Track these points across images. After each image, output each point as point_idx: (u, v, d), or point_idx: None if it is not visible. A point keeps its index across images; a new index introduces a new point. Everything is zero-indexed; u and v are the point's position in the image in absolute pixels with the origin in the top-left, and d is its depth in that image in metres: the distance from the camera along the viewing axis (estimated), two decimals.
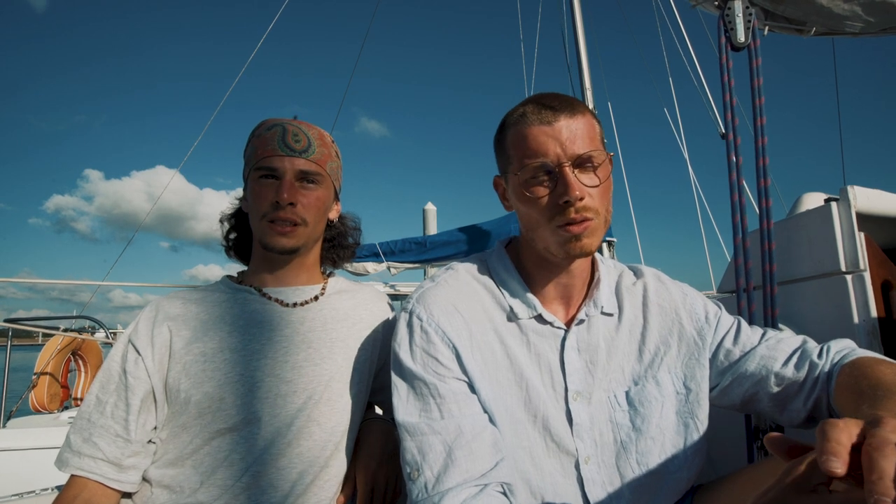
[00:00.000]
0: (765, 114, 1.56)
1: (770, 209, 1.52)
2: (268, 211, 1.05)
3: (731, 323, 1.00)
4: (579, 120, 0.87)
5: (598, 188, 0.86)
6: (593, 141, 0.87)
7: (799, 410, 0.89)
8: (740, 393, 0.94)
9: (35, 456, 3.62)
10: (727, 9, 1.64)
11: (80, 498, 0.91)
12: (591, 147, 0.86)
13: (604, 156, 0.87)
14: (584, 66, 4.42)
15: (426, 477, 0.80)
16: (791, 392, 0.90)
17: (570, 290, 0.95)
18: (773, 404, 0.92)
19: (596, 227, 0.87)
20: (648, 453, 0.90)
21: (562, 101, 0.88)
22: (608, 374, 0.93)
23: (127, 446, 0.94)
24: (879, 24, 1.72)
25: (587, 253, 0.87)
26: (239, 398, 0.97)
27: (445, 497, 0.77)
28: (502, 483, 0.81)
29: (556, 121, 0.86)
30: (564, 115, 0.86)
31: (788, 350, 0.93)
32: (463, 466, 0.79)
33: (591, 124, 0.88)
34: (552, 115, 0.86)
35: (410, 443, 0.84)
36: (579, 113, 0.87)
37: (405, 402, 0.87)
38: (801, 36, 1.82)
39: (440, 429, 0.83)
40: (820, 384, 0.87)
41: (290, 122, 1.11)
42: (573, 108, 0.87)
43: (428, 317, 0.89)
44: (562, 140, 0.85)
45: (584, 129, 0.87)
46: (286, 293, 1.11)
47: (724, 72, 1.63)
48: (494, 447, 0.83)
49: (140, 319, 1.03)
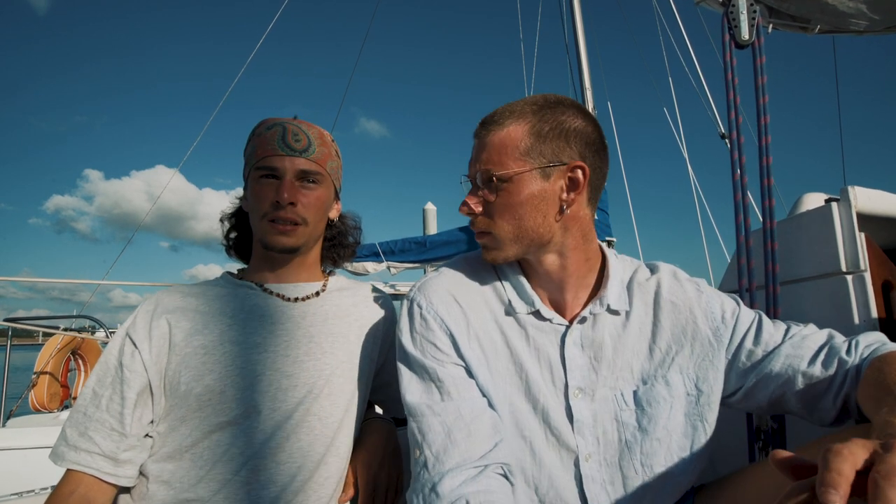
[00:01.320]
0: (768, 112, 1.55)
1: (773, 209, 1.51)
2: (268, 210, 1.05)
3: (752, 320, 0.96)
4: (494, 135, 0.90)
5: (493, 205, 0.90)
6: (499, 156, 0.89)
7: (829, 409, 0.86)
8: (766, 395, 0.91)
9: (35, 455, 3.62)
10: (731, 6, 1.63)
11: (77, 493, 0.91)
12: (489, 165, 0.89)
13: (506, 173, 0.88)
14: (583, 65, 4.42)
15: (426, 456, 0.83)
16: (820, 391, 0.87)
17: (562, 292, 0.94)
18: (801, 405, 0.89)
19: (494, 242, 0.92)
20: (653, 454, 0.89)
21: (493, 114, 0.92)
22: (615, 371, 0.92)
23: (122, 440, 0.93)
24: (884, 22, 1.72)
25: (494, 261, 0.95)
26: (240, 391, 0.97)
27: (445, 477, 0.79)
28: (502, 464, 0.82)
29: (477, 135, 0.94)
30: (484, 130, 0.92)
31: (815, 347, 0.89)
32: (462, 447, 0.81)
33: (501, 140, 0.90)
34: (479, 127, 0.93)
35: (413, 423, 0.87)
36: (497, 127, 0.90)
37: (409, 384, 0.90)
38: (806, 34, 1.81)
39: (440, 410, 0.85)
40: (849, 380, 0.84)
41: (290, 121, 1.11)
42: (495, 122, 0.91)
43: (427, 304, 0.92)
44: (473, 155, 0.94)
45: (492, 145, 0.90)
46: (287, 289, 1.12)
47: (727, 70, 1.62)
48: (493, 429, 0.84)
49: (138, 313, 1.02)
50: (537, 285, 0.95)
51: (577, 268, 0.94)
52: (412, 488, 0.84)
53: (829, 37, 1.90)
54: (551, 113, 0.89)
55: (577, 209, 0.91)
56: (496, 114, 0.91)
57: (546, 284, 0.95)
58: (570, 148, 0.89)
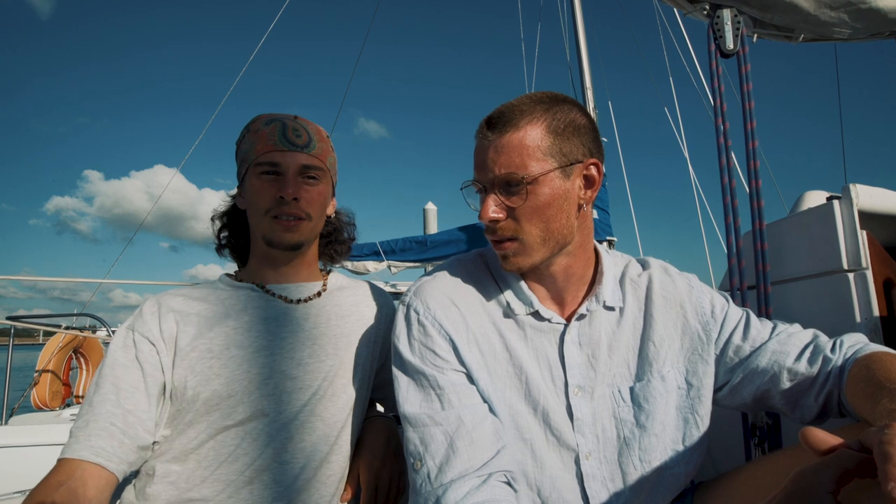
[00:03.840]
0: (755, 118, 1.58)
1: (762, 210, 1.54)
2: (272, 207, 1.04)
3: (740, 317, 0.97)
4: (510, 136, 0.85)
5: (519, 209, 0.85)
6: (521, 158, 0.84)
7: (811, 406, 0.88)
8: (751, 390, 0.92)
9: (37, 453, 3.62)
10: (716, 17, 1.66)
11: (66, 486, 0.84)
12: (511, 168, 0.84)
13: (532, 175, 0.84)
14: (584, 65, 4.41)
15: (429, 467, 0.81)
16: (803, 388, 0.88)
17: (563, 292, 0.94)
18: (784, 401, 0.90)
19: (521, 248, 0.87)
20: (651, 450, 0.90)
21: (500, 114, 0.86)
22: (611, 368, 0.93)
23: (125, 436, 0.91)
24: (867, 30, 1.73)
25: (519, 270, 0.90)
26: (246, 395, 0.97)
27: (449, 489, 0.78)
28: (505, 472, 0.82)
29: (486, 138, 0.87)
30: (495, 132, 0.86)
31: (800, 344, 0.91)
32: (465, 456, 0.80)
33: (520, 141, 0.85)
34: (486, 130, 0.87)
35: (413, 434, 0.85)
36: (511, 128, 0.85)
37: (406, 393, 0.88)
38: (791, 42, 1.83)
39: (441, 419, 0.84)
40: (832, 379, 0.85)
41: (288, 117, 1.11)
42: (507, 123, 0.85)
43: (424, 309, 0.90)
44: (486, 160, 0.86)
45: (511, 147, 0.85)
46: (289, 290, 1.11)
47: (713, 77, 1.66)
48: (496, 436, 0.84)
49: (144, 313, 1.01)
50: (536, 285, 0.94)
51: (581, 266, 0.94)
52: (414, 502, 0.83)
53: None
54: (560, 110, 0.87)
55: (588, 207, 0.91)
56: (504, 114, 0.86)
57: (549, 285, 0.94)
58: (583, 145, 0.88)
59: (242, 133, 1.12)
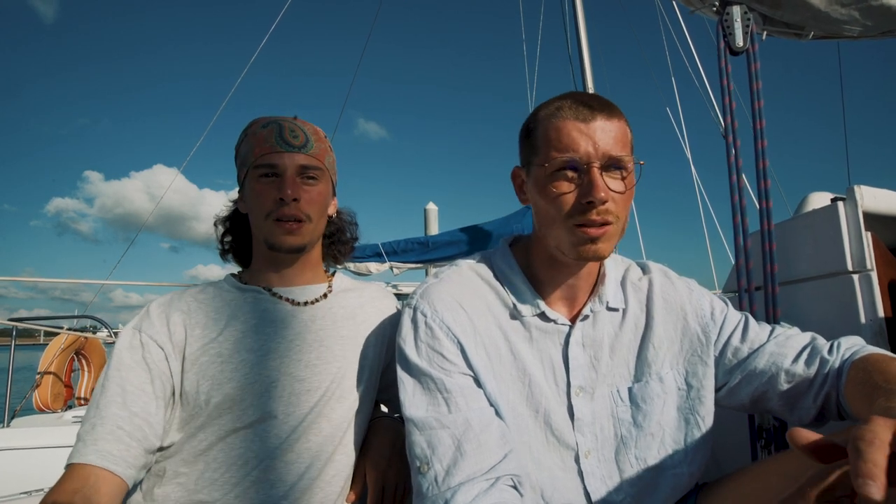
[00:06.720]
0: (764, 117, 1.57)
1: (770, 210, 1.53)
2: (272, 209, 1.04)
3: (739, 320, 0.99)
4: (615, 123, 0.86)
5: (622, 195, 0.85)
6: (625, 147, 0.86)
7: (809, 408, 0.89)
8: (749, 392, 0.94)
9: (39, 455, 3.62)
10: (726, 14, 1.65)
11: (81, 493, 0.84)
12: (622, 152, 0.85)
13: (633, 163, 0.87)
14: (586, 64, 4.41)
15: (436, 470, 0.81)
16: (801, 390, 0.89)
17: (576, 291, 0.95)
18: (782, 403, 0.91)
19: (613, 234, 0.86)
20: (647, 449, 0.91)
21: (601, 101, 0.88)
22: (612, 369, 0.94)
23: (132, 439, 0.90)
24: (878, 28, 1.72)
25: (599, 258, 0.87)
26: (256, 398, 0.98)
27: (458, 492, 0.78)
28: (512, 476, 0.82)
29: (593, 120, 0.85)
30: (602, 116, 0.85)
31: (798, 346, 0.92)
32: (472, 459, 0.80)
33: (624, 130, 0.88)
34: (589, 113, 0.85)
35: (419, 437, 0.84)
36: (616, 117, 0.87)
37: (412, 396, 0.87)
38: (800, 40, 1.83)
39: (449, 423, 0.83)
40: (830, 380, 0.86)
41: (285, 118, 1.11)
42: (611, 110, 0.87)
43: (432, 312, 0.90)
44: (595, 139, 0.84)
45: (618, 133, 0.86)
46: (295, 292, 1.12)
47: (723, 76, 1.65)
48: (502, 439, 0.84)
49: (152, 314, 1.01)
50: (546, 286, 0.95)
51: (593, 269, 0.96)
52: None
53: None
54: None
55: None
56: (602, 102, 0.87)
57: (569, 284, 0.94)
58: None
59: (240, 137, 1.12)
